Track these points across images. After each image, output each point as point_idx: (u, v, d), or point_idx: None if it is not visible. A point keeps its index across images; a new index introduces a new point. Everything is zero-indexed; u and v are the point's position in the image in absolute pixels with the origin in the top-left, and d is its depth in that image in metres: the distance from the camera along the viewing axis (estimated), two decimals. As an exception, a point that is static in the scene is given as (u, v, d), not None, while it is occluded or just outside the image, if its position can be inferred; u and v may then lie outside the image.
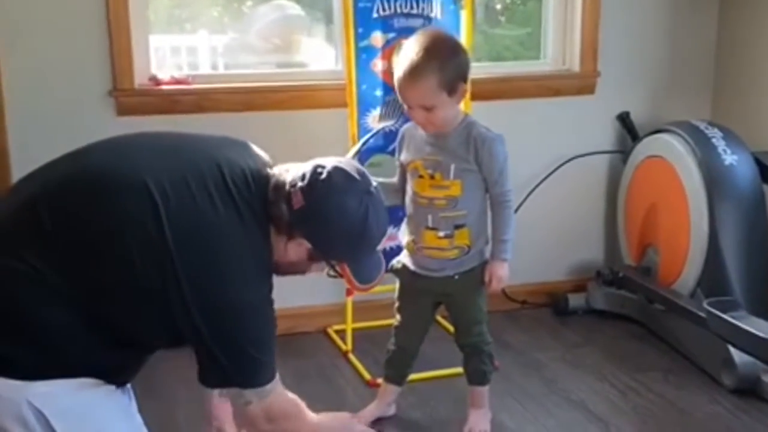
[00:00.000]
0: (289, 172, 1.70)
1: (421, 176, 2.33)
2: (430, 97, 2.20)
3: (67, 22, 2.81)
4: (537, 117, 3.34)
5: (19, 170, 2.77)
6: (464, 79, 2.25)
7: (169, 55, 3.43)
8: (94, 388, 1.58)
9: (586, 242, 3.54)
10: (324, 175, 1.67)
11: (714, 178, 2.88)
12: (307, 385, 2.80)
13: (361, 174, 1.73)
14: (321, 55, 3.38)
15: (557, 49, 3.42)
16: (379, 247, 2.96)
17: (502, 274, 2.35)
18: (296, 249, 1.70)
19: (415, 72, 2.18)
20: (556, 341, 3.17)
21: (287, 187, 1.67)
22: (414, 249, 2.40)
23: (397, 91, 2.26)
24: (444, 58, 2.20)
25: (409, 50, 2.22)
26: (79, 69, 2.85)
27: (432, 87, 2.18)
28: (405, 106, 2.29)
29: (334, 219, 1.68)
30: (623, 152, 3.41)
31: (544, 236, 3.40)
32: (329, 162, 1.71)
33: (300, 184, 1.66)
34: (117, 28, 2.83)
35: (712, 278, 2.87)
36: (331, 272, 1.79)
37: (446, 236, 2.33)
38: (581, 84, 3.39)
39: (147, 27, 2.98)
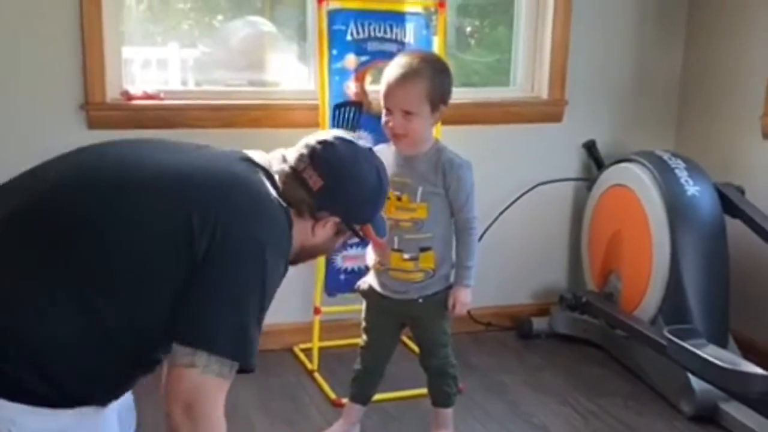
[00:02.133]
0: (286, 160, 1.68)
1: (387, 198, 2.37)
2: (415, 102, 2.25)
3: (40, 35, 2.81)
4: (505, 143, 3.40)
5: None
6: (445, 102, 2.32)
7: (139, 67, 3.44)
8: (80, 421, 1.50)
9: (550, 267, 3.60)
10: (328, 149, 1.67)
11: (676, 208, 2.95)
12: (271, 404, 2.82)
13: (356, 137, 1.77)
14: (293, 74, 3.41)
15: (526, 76, 3.49)
16: (347, 265, 3.01)
17: (466, 300, 2.39)
18: (323, 229, 1.69)
19: (408, 74, 2.25)
20: (519, 364, 3.22)
21: (295, 173, 1.65)
22: (380, 270, 2.44)
23: (384, 95, 2.29)
24: (437, 72, 2.29)
25: (405, 57, 2.31)
26: (50, 82, 2.85)
27: (421, 92, 2.25)
28: (383, 116, 2.31)
29: (356, 188, 1.70)
30: (588, 180, 3.48)
31: (509, 260, 3.45)
32: (324, 135, 1.72)
33: (309, 164, 1.65)
34: (90, 43, 2.84)
35: (673, 306, 2.94)
36: (354, 240, 1.80)
37: (411, 258, 2.37)
38: (549, 111, 3.46)
39: (120, 41, 3.00)
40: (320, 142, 1.68)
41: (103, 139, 2.73)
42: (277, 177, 1.65)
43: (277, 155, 1.70)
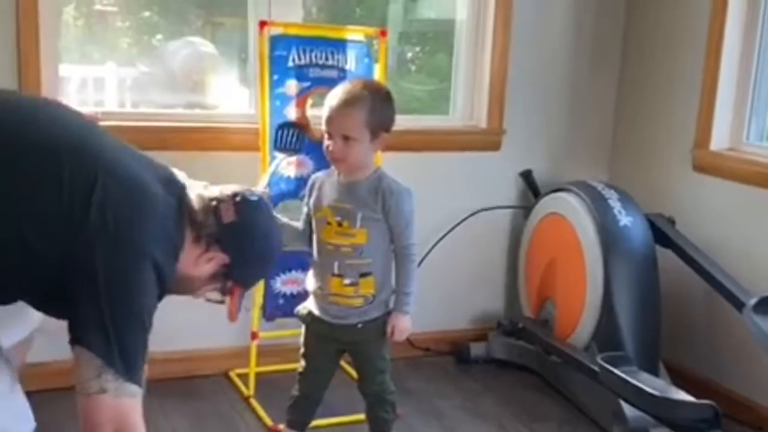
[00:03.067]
0: (207, 188, 1.77)
1: (329, 223, 2.40)
2: (354, 128, 2.30)
3: None
4: (444, 170, 3.46)
5: None
6: (387, 130, 2.37)
7: (76, 86, 3.40)
8: None
9: (488, 293, 3.66)
10: (255, 198, 1.78)
11: (609, 237, 3.04)
12: (205, 430, 2.80)
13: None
14: (233, 96, 3.42)
15: (465, 105, 3.56)
16: (286, 289, 3.02)
17: (404, 327, 2.42)
18: (206, 264, 1.74)
19: (349, 100, 2.31)
20: (457, 389, 3.26)
21: (214, 201, 1.73)
22: (320, 296, 2.46)
23: (325, 120, 2.34)
24: (378, 100, 2.35)
25: (348, 84, 2.38)
26: None
27: (360, 119, 2.30)
28: (325, 140, 2.35)
29: (260, 240, 1.78)
30: (525, 208, 3.56)
31: (448, 286, 3.51)
32: (254, 190, 1.83)
33: (231, 201, 1.74)
34: (27, 60, 2.80)
35: (606, 333, 3.02)
36: (218, 297, 1.83)
37: (351, 284, 2.40)
38: (487, 140, 3.54)
39: (57, 59, 2.95)
40: (249, 191, 1.79)
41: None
42: (194, 199, 1.72)
43: (200, 183, 1.80)
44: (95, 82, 3.86)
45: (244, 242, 1.76)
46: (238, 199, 1.75)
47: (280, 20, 2.96)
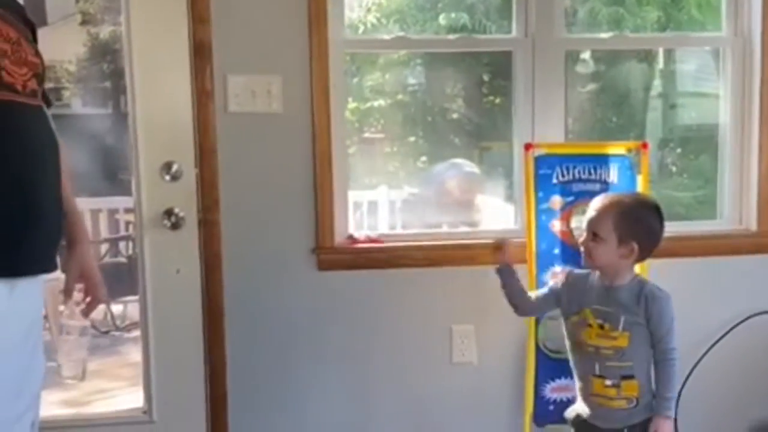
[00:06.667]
0: None
1: (589, 325, 2.65)
2: (602, 227, 2.59)
3: (280, 185, 3.28)
4: (713, 275, 3.52)
5: (232, 318, 3.26)
6: (638, 242, 2.59)
7: (353, 209, 3.88)
8: None
9: (766, 402, 3.63)
10: None
11: None
12: None
13: None
14: (497, 213, 3.75)
15: (734, 209, 3.63)
16: (555, 395, 3.22)
17: (667, 431, 2.57)
18: None
19: (606, 203, 2.63)
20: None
21: None
22: (584, 396, 2.69)
23: (585, 218, 2.67)
24: (634, 209, 2.63)
25: (615, 193, 2.75)
26: (288, 228, 3.29)
27: (609, 221, 2.58)
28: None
29: None
30: (806, 311, 3.56)
31: (723, 394, 3.52)
32: None
33: None
34: (322, 190, 3.26)
35: None
36: None
37: (613, 385, 2.60)
38: (759, 243, 3.56)
39: (346, 187, 3.38)
40: None
41: (330, 279, 3.16)
42: None
43: None
44: (369, 206, 4.41)
45: None
46: None
47: (543, 141, 3.29)
